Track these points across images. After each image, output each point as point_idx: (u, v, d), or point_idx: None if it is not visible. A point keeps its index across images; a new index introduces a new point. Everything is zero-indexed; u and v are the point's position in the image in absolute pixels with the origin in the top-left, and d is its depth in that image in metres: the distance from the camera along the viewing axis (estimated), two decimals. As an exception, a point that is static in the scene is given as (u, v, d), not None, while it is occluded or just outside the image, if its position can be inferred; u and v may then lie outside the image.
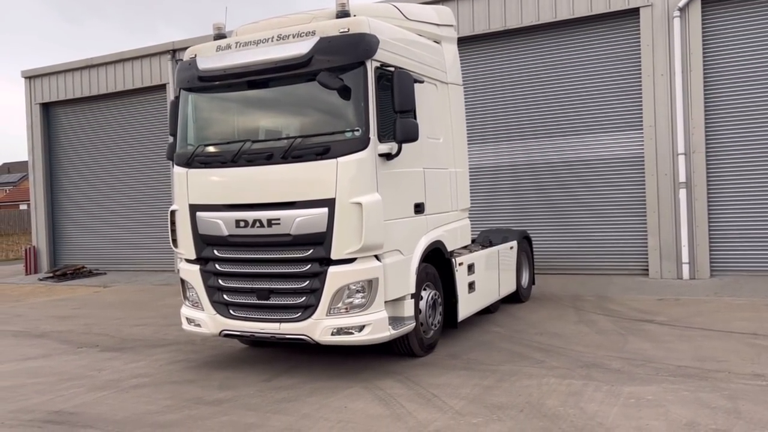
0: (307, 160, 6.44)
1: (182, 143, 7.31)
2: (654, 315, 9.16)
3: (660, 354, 7.00)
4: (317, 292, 6.44)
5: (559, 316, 9.42)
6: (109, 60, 18.65)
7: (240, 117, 7.36)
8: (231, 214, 6.79)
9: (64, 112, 20.07)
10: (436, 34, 8.32)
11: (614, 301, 10.43)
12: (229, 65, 6.84)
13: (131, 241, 18.82)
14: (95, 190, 19.52)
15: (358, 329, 6.39)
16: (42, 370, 7.62)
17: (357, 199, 6.27)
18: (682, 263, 12.07)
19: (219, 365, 7.42)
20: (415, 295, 6.99)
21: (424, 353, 7.27)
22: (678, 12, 11.98)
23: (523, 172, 13.70)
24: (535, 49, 13.53)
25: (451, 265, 7.84)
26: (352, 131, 6.41)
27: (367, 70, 6.40)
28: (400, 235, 6.86)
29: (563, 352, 7.26)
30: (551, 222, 13.43)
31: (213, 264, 6.99)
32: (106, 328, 10.12)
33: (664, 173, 12.25)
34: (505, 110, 13.84)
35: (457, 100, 8.58)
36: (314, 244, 6.44)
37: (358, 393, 6.06)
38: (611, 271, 12.87)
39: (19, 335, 9.92)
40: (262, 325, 6.70)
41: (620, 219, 12.90)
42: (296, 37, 6.58)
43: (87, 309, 12.36)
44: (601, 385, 5.94)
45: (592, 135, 13.08)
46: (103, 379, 7.05)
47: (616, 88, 12.88)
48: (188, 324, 7.33)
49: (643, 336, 7.92)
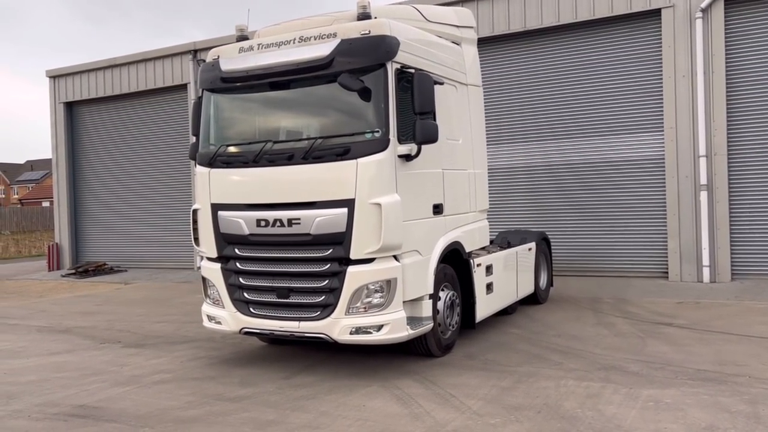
0: (327, 161, 6.50)
1: (204, 143, 7.42)
2: (673, 318, 9.11)
3: (679, 357, 6.97)
4: (336, 291, 6.51)
5: (577, 318, 9.40)
6: (132, 60, 18.91)
7: (261, 118, 7.46)
8: (252, 214, 6.89)
9: (87, 111, 20.38)
10: (455, 36, 8.35)
11: (633, 303, 10.38)
12: (252, 66, 6.93)
13: (152, 238, 19.07)
14: (116, 188, 19.80)
15: (377, 329, 6.44)
16: (66, 365, 7.78)
17: (376, 199, 6.32)
18: (703, 266, 11.97)
19: (239, 362, 7.53)
20: (433, 295, 7.04)
21: (441, 353, 7.31)
22: (700, 13, 11.88)
23: (542, 173, 13.67)
24: (555, 50, 13.49)
25: (469, 266, 7.87)
26: (372, 132, 6.46)
27: (388, 71, 6.45)
28: (419, 236, 6.91)
29: (581, 354, 7.26)
30: (570, 223, 13.38)
31: (234, 262, 7.09)
32: (128, 325, 10.28)
33: (685, 175, 12.16)
34: (524, 111, 13.81)
35: (477, 101, 8.61)
36: (334, 243, 6.50)
37: (376, 392, 6.12)
38: (630, 273, 12.80)
39: (43, 330, 10.12)
40: (281, 323, 6.78)
41: (640, 221, 12.82)
42: (318, 39, 6.66)
43: (109, 305, 12.56)
44: (619, 388, 5.94)
45: (612, 136, 13.01)
46: (126, 374, 7.18)
47: (637, 89, 12.79)
48: (209, 321, 7.44)
49: (662, 339, 7.88)
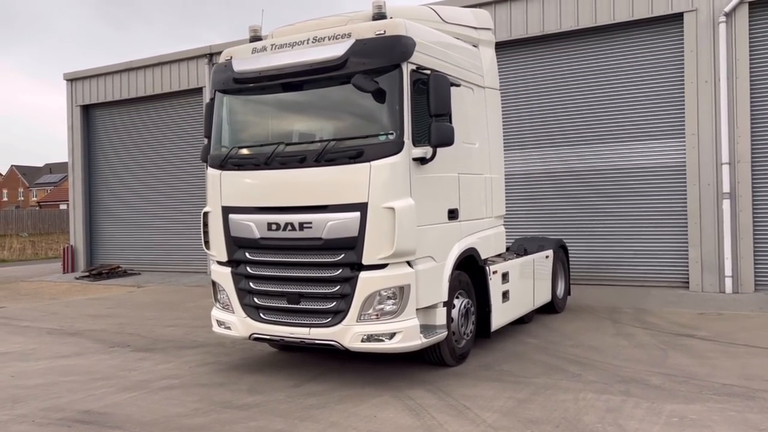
0: (340, 164, 6.35)
1: (216, 145, 7.30)
2: (695, 329, 8.83)
3: (703, 371, 6.71)
4: (348, 297, 6.34)
5: (595, 328, 9.15)
6: (148, 63, 18.94)
7: (274, 119, 7.33)
8: (263, 217, 6.75)
9: (103, 114, 20.45)
10: (473, 38, 8.19)
11: (653, 313, 10.10)
12: (265, 67, 6.80)
13: (166, 242, 19.05)
14: (131, 192, 19.83)
15: (389, 336, 6.26)
16: (74, 368, 7.68)
17: (390, 203, 6.16)
18: (725, 276, 11.65)
19: (248, 369, 7.38)
20: (447, 303, 6.85)
21: (455, 363, 7.11)
22: (724, 17, 11.60)
23: (560, 179, 13.42)
24: (574, 54, 13.26)
25: (485, 273, 7.67)
26: (386, 135, 6.30)
27: (403, 72, 6.29)
28: (433, 242, 6.72)
29: (600, 366, 7.02)
30: (588, 231, 13.11)
31: (244, 267, 6.94)
32: (138, 329, 10.18)
33: (707, 183, 11.85)
34: (542, 116, 13.58)
35: (494, 104, 8.42)
36: (345, 248, 6.34)
37: (387, 402, 5.93)
38: (649, 282, 12.50)
39: (53, 333, 10.05)
40: (291, 329, 6.62)
41: (660, 229, 12.53)
42: (332, 39, 6.52)
43: (121, 309, 12.49)
44: (640, 402, 5.70)
45: (632, 142, 12.74)
46: (134, 379, 7.06)
47: (658, 94, 12.52)
48: (218, 326, 7.31)
49: (685, 351, 7.62)
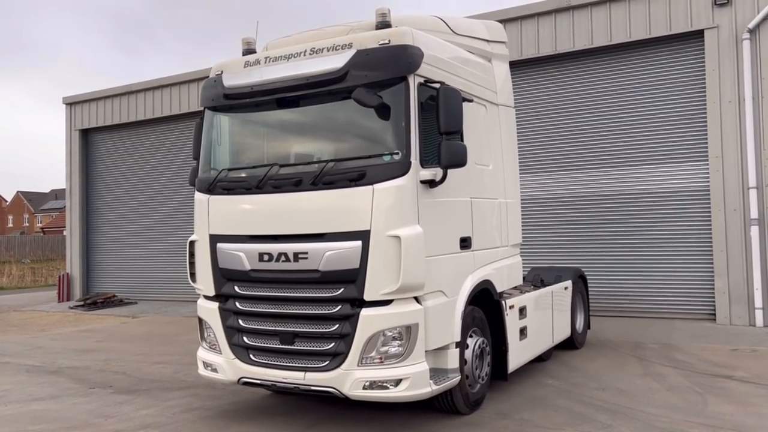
0: (339, 187, 5.67)
1: (205, 167, 6.65)
2: (732, 369, 8.03)
3: (751, 421, 5.93)
4: (348, 337, 5.61)
5: (620, 366, 8.36)
6: (148, 86, 18.49)
7: (267, 139, 6.67)
8: (254, 246, 6.06)
9: (102, 139, 19.96)
10: (486, 51, 7.56)
11: (681, 350, 9.30)
12: (257, 81, 6.17)
13: (164, 270, 18.35)
14: (130, 218, 19.24)
15: (395, 383, 5.51)
16: (46, 414, 6.93)
17: (395, 231, 5.46)
18: (755, 308, 10.86)
19: (237, 416, 6.62)
20: (460, 343, 6.10)
21: (469, 411, 6.34)
22: (747, 34, 11.00)
23: (577, 204, 12.70)
24: (589, 74, 12.65)
25: (501, 308, 6.93)
26: (390, 155, 5.63)
27: (409, 86, 5.64)
28: (444, 274, 6.00)
29: (632, 414, 6.24)
30: (607, 259, 12.35)
31: (233, 302, 6.24)
32: (124, 365, 9.44)
33: (733, 209, 11.13)
34: (557, 139, 12.91)
35: (508, 123, 7.76)
36: (345, 282, 5.63)
37: (392, 460, 5.17)
38: (673, 315, 11.70)
39: (32, 371, 9.32)
40: (285, 373, 5.88)
41: (683, 258, 11.76)
42: (331, 50, 5.89)
43: (110, 342, 11.76)
44: (686, 462, 4.93)
45: (652, 166, 12.05)
46: (108, 429, 6.30)
47: (678, 115, 11.87)
48: (205, 369, 6.57)
49: (725, 396, 6.82)
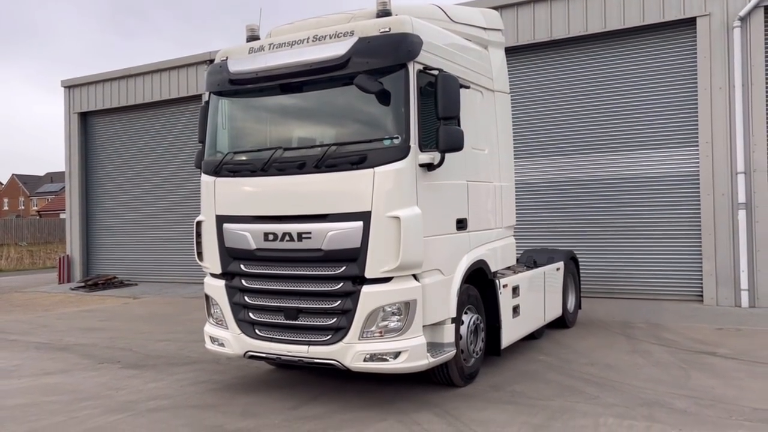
0: (341, 170, 5.93)
1: (211, 150, 6.89)
2: (715, 347, 8.38)
3: (730, 393, 6.26)
4: (349, 313, 5.90)
5: (609, 344, 8.70)
6: (147, 70, 18.61)
7: (271, 123, 6.92)
8: (259, 227, 6.33)
9: (101, 122, 20.10)
10: (482, 39, 7.79)
11: (668, 329, 9.65)
12: (262, 67, 6.40)
13: (164, 252, 18.63)
14: (129, 200, 19.44)
15: (394, 356, 5.82)
16: (58, 387, 7.23)
17: (395, 212, 5.73)
18: (741, 290, 11.21)
19: (243, 388, 6.93)
20: (455, 319, 6.41)
21: (464, 383, 6.66)
22: (738, 22, 11.23)
23: (569, 188, 12.99)
24: (583, 60, 12.89)
25: (495, 287, 7.24)
26: (390, 139, 5.89)
27: (409, 72, 5.89)
28: (441, 253, 6.30)
29: (619, 387, 6.57)
30: (597, 242, 12.67)
31: (239, 279, 6.52)
32: (130, 343, 9.73)
33: (722, 193, 11.44)
34: (550, 124, 13.18)
35: (504, 109, 8.02)
36: (347, 260, 5.91)
37: (392, 427, 5.49)
38: (662, 296, 12.05)
39: (41, 347, 9.60)
40: (289, 347, 6.18)
41: (672, 241, 12.09)
42: (333, 37, 6.12)
43: (114, 321, 12.05)
44: (667, 429, 5.26)
45: (643, 151, 12.34)
46: (120, 399, 6.61)
47: (670, 102, 12.13)
48: (211, 343, 6.88)
49: (707, 371, 7.17)
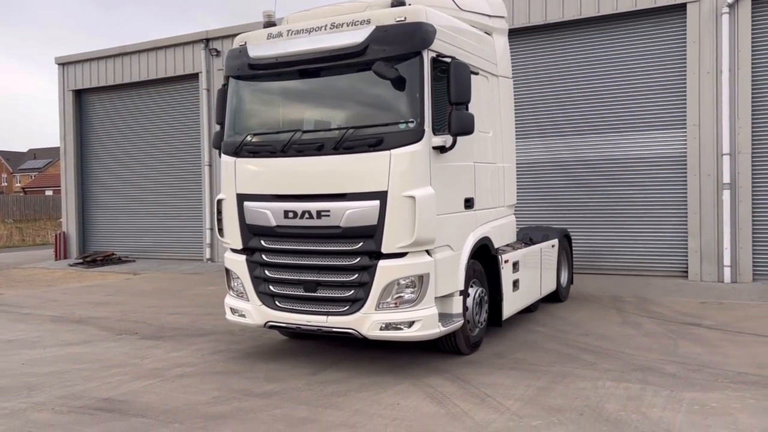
0: (359, 152, 6.31)
1: (230, 132, 7.22)
2: (700, 319, 8.93)
3: (716, 359, 6.80)
4: (366, 285, 6.32)
5: (601, 316, 9.23)
6: (143, 48, 18.69)
7: (289, 106, 7.26)
8: (279, 205, 6.70)
9: (96, 99, 20.17)
10: (487, 25, 8.15)
11: (656, 302, 10.20)
12: (281, 53, 6.72)
13: (160, 229, 18.91)
14: (125, 178, 19.63)
15: (408, 325, 6.27)
16: (84, 356, 7.60)
17: (410, 192, 6.13)
18: (724, 266, 11.80)
19: (262, 357, 7.35)
20: (463, 291, 6.86)
21: (469, 351, 7.14)
22: (727, 8, 11.66)
23: (561, 168, 13.47)
24: (577, 44, 13.28)
25: (498, 263, 7.69)
26: (406, 123, 6.26)
27: (424, 60, 6.24)
28: (451, 231, 6.72)
29: (613, 355, 7.08)
30: (588, 220, 13.19)
31: (260, 254, 6.90)
32: (142, 316, 10.10)
33: (707, 174, 11.97)
34: (543, 106, 13.60)
35: (507, 93, 8.41)
36: (364, 237, 6.32)
37: (408, 390, 5.95)
38: (648, 272, 12.63)
39: (56, 320, 9.94)
40: (308, 317, 6.60)
41: (660, 219, 12.64)
42: (351, 25, 6.45)
43: (121, 296, 12.39)
44: (659, 390, 5.76)
45: (634, 133, 12.81)
46: (147, 367, 7.01)
47: (660, 85, 12.59)
48: (232, 314, 7.26)
49: (694, 340, 7.71)
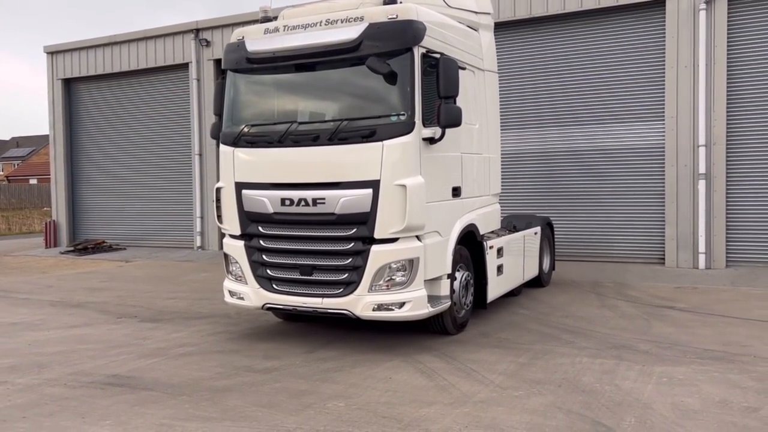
0: (353, 143, 6.67)
1: (228, 123, 7.54)
2: (674, 302, 9.43)
3: (685, 338, 7.28)
4: (360, 269, 6.71)
5: (581, 300, 9.70)
6: (132, 38, 18.82)
7: (286, 99, 7.59)
8: (276, 193, 7.05)
9: (85, 88, 20.28)
10: (474, 22, 8.52)
11: (633, 287, 10.70)
12: (279, 48, 7.05)
13: (150, 218, 19.13)
14: (115, 166, 19.79)
15: (399, 306, 6.67)
16: (88, 337, 7.93)
17: (401, 181, 6.51)
18: (699, 253, 12.28)
19: (259, 337, 7.72)
20: (450, 275, 7.27)
21: (456, 331, 7.57)
22: (704, 5, 12.10)
23: (543, 159, 13.90)
24: (560, 38, 13.68)
25: (483, 248, 8.10)
26: (397, 115, 6.63)
27: (414, 55, 6.60)
28: (439, 218, 7.12)
29: (590, 334, 7.54)
30: (569, 209, 13.65)
31: (257, 240, 7.26)
32: (139, 301, 10.42)
33: (684, 164, 12.45)
34: (526, 98, 14.01)
35: (492, 87, 8.81)
36: (358, 223, 6.70)
37: (399, 366, 6.35)
38: (627, 259, 13.12)
39: (56, 305, 10.23)
40: (304, 299, 6.98)
41: (638, 208, 13.12)
42: (345, 22, 6.79)
43: (116, 282, 12.67)
44: (632, 365, 6.22)
45: (614, 124, 13.27)
46: (150, 347, 7.35)
47: (640, 78, 13.03)
48: (231, 297, 7.61)
49: (667, 321, 8.19)
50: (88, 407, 5.35)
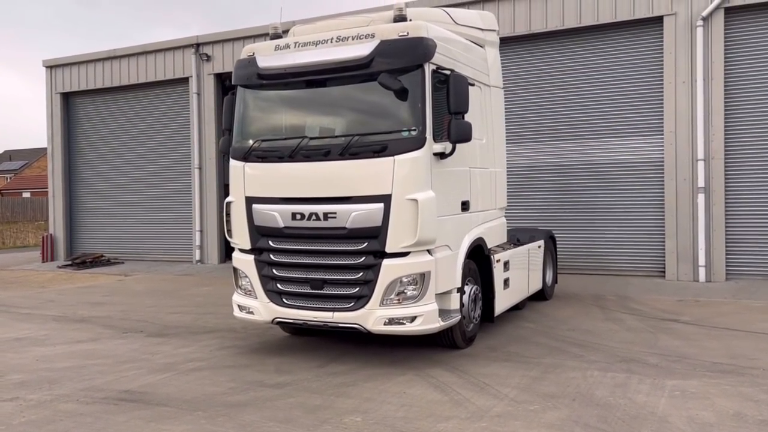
0: (364, 157, 6.73)
1: (238, 137, 7.58)
2: (677, 315, 9.50)
3: (692, 351, 7.34)
4: (371, 283, 6.74)
5: (585, 313, 9.75)
6: (132, 52, 18.88)
7: (296, 114, 7.65)
8: (287, 207, 7.08)
9: (84, 102, 20.28)
10: (480, 38, 8.64)
11: (635, 300, 10.76)
12: (290, 64, 7.11)
13: (149, 231, 19.07)
14: (113, 180, 19.76)
15: (410, 320, 6.69)
16: (96, 352, 7.89)
17: (413, 195, 6.57)
18: (699, 266, 12.38)
19: (269, 351, 7.72)
20: (460, 289, 7.31)
21: (465, 345, 7.59)
22: (701, 21, 12.29)
23: (545, 173, 14.01)
24: (559, 53, 13.84)
25: (490, 262, 8.15)
26: (408, 131, 6.70)
27: (425, 72, 6.69)
28: (449, 231, 7.17)
29: (599, 348, 7.58)
30: (571, 223, 13.74)
31: (268, 254, 7.27)
32: (143, 315, 10.38)
33: (683, 178, 12.58)
34: (528, 113, 14.13)
35: (498, 102, 8.91)
36: (369, 237, 6.73)
37: (412, 380, 6.37)
38: (628, 272, 13.20)
39: (59, 320, 10.18)
40: (315, 313, 6.99)
41: (639, 222, 13.23)
42: (356, 39, 6.87)
43: (117, 296, 12.62)
44: (644, 378, 6.26)
45: (614, 139, 13.40)
46: (159, 362, 7.33)
47: (638, 93, 13.19)
48: (240, 311, 7.61)
49: (673, 334, 8.25)
50: (104, 423, 5.33)
